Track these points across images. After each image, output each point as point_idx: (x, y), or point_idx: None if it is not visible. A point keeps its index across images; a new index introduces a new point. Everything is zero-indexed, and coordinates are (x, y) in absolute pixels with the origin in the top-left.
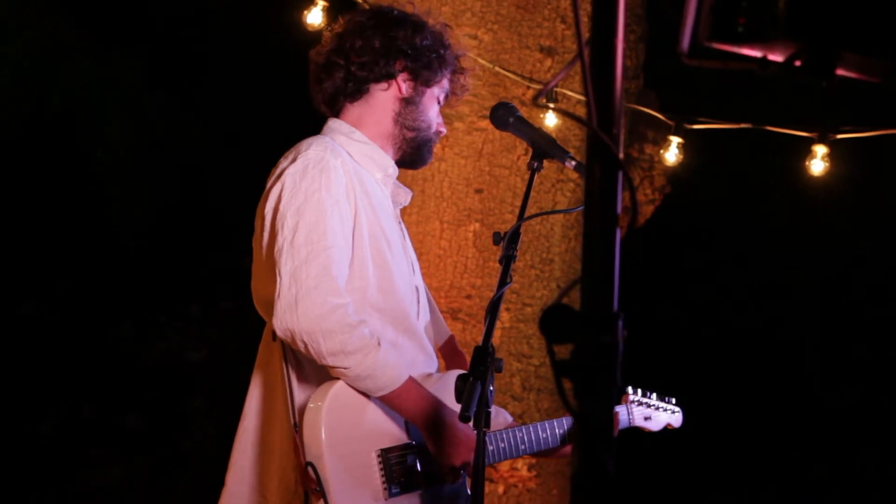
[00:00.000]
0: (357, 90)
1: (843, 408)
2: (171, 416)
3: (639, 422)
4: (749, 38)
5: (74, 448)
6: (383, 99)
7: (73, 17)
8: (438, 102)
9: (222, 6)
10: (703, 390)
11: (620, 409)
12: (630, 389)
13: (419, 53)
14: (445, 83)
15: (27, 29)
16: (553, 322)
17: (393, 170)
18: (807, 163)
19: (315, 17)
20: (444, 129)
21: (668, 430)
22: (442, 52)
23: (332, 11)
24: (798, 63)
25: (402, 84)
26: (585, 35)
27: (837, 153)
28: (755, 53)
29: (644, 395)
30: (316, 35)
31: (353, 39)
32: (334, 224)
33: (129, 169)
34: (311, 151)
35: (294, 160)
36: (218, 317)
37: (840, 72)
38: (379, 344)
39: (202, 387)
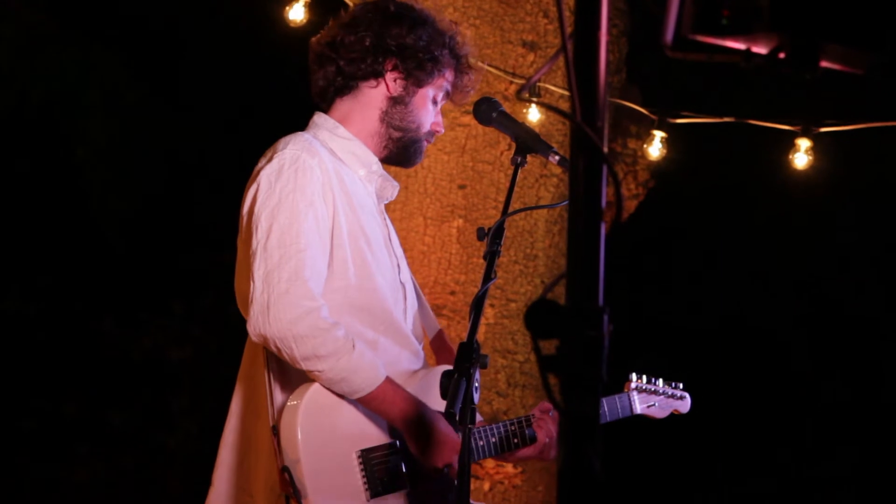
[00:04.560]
0: (345, 86)
1: (828, 402)
2: (154, 414)
3: (642, 409)
4: (733, 31)
5: (58, 445)
6: (371, 96)
7: (53, 9)
8: (434, 102)
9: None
10: (688, 384)
11: (621, 398)
12: (633, 376)
13: (411, 53)
14: (443, 83)
15: (5, 22)
16: (538, 317)
17: (377, 166)
18: (790, 156)
19: (297, 14)
20: (440, 129)
21: (674, 417)
22: (437, 53)
23: (314, 7)
24: (782, 55)
25: (391, 83)
26: (569, 29)
27: (821, 147)
28: (739, 46)
29: (649, 382)
30: (298, 30)
31: (346, 34)
32: (308, 226)
33: (111, 163)
34: (288, 151)
35: (270, 160)
36: (201, 314)
37: (824, 63)
38: (354, 346)
39: (186, 385)
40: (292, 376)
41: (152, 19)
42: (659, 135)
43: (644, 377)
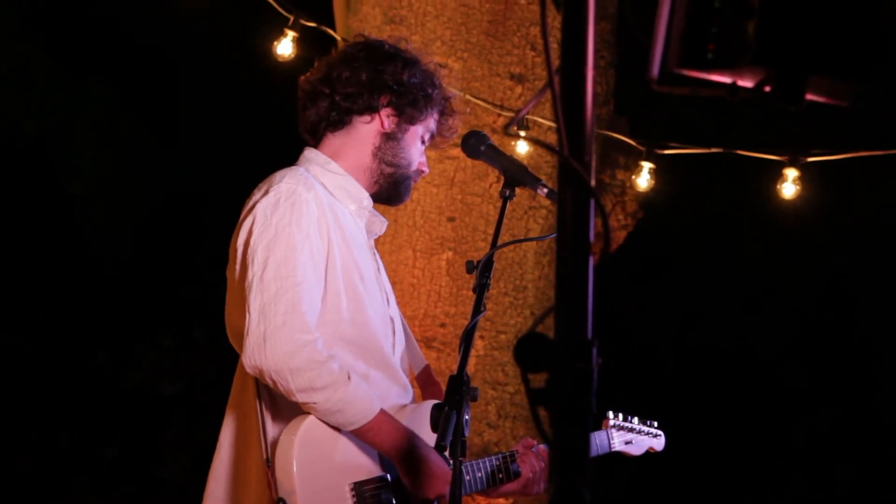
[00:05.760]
0: (339, 120)
1: (818, 426)
2: (146, 447)
3: (620, 447)
4: (719, 65)
5: (50, 479)
6: (365, 132)
7: (44, 43)
8: (423, 142)
9: (194, 33)
10: (677, 413)
11: (600, 435)
12: (611, 414)
13: (406, 90)
14: (431, 123)
15: None
16: (527, 350)
17: (367, 202)
18: (778, 186)
19: (285, 48)
20: (426, 169)
21: (650, 454)
22: (430, 91)
23: (302, 42)
24: (768, 88)
25: (386, 119)
26: (555, 63)
27: (809, 176)
28: (725, 79)
29: (625, 420)
30: (286, 64)
31: (342, 70)
32: (304, 259)
33: (102, 197)
34: (284, 184)
35: (266, 193)
36: (192, 347)
37: (809, 96)
38: (349, 378)
39: (177, 418)
40: (283, 407)
41: (143, 53)
42: (647, 166)
43: (620, 415)
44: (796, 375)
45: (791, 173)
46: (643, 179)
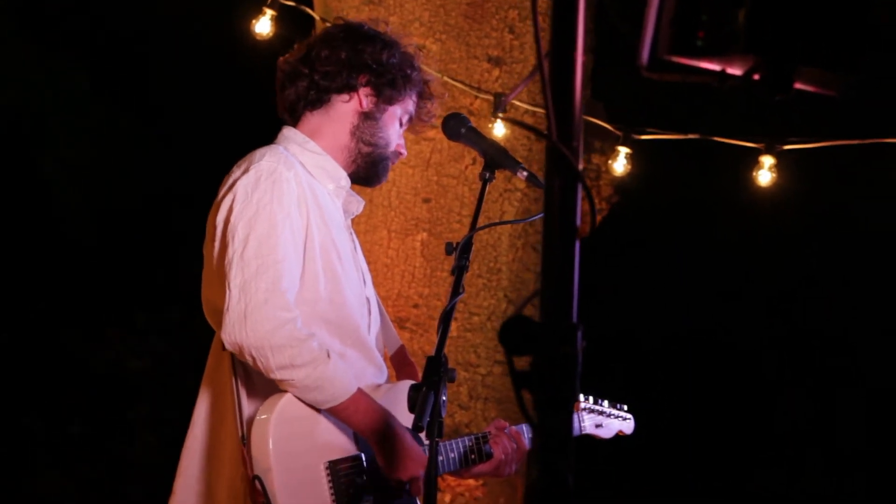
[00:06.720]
0: (318, 99)
1: (792, 416)
2: (114, 425)
3: (590, 429)
4: (708, 52)
5: (18, 456)
6: (343, 111)
7: (17, 24)
8: (401, 123)
9: (171, 13)
10: (651, 400)
11: None
12: (582, 397)
13: (385, 70)
14: (410, 105)
15: None
16: (513, 333)
17: (345, 181)
18: (754, 173)
19: (263, 27)
20: (403, 151)
21: (619, 437)
22: (409, 72)
23: (280, 21)
24: (756, 77)
25: (364, 98)
26: (544, 48)
27: (785, 164)
28: (714, 67)
29: (596, 403)
30: (264, 44)
31: (321, 49)
32: (285, 236)
33: (76, 176)
34: (264, 162)
35: (246, 170)
36: (163, 326)
37: (798, 85)
38: (328, 356)
39: (146, 395)
40: (259, 384)
41: (119, 33)
42: (623, 150)
43: (591, 398)
44: (771, 363)
45: (767, 161)
46: (619, 164)
